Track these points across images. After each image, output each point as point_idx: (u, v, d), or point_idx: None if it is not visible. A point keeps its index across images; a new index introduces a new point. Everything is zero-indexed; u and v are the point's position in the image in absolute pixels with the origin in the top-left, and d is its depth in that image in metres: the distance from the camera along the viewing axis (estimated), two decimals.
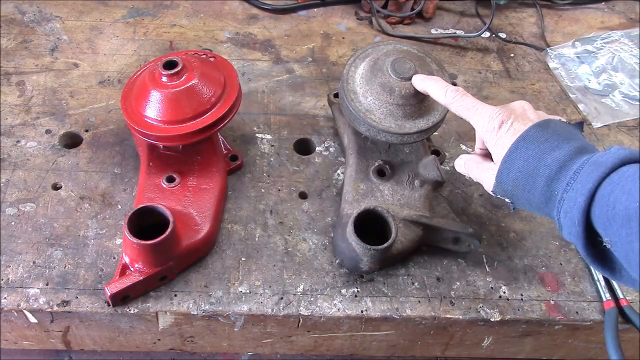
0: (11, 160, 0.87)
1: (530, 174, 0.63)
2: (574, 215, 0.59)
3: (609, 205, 0.56)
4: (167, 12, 1.12)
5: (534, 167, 0.63)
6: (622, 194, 0.55)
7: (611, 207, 0.55)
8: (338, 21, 1.14)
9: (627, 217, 0.54)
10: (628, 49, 1.12)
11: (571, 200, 0.59)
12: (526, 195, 0.64)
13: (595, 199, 0.57)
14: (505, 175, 0.66)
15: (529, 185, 0.64)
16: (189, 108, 0.78)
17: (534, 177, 0.63)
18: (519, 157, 0.64)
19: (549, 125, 0.65)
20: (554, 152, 0.63)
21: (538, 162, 0.63)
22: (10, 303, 0.74)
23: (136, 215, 0.72)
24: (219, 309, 0.75)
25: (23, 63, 1.01)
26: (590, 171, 0.58)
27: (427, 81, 0.75)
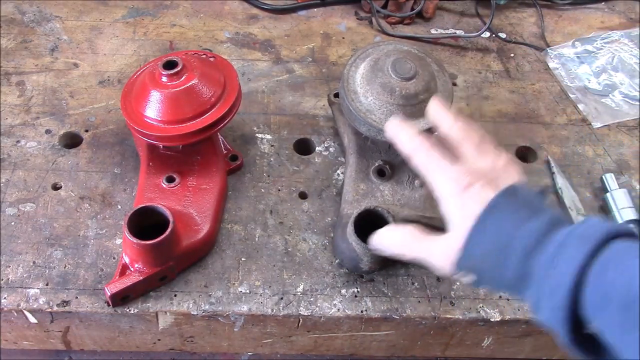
0: (11, 160, 0.87)
1: (501, 248, 0.55)
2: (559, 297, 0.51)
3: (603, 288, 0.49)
4: (167, 12, 1.12)
5: (506, 240, 0.55)
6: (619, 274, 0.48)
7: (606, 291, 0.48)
8: (338, 21, 1.14)
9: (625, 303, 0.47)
10: (628, 49, 1.12)
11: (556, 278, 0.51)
12: (496, 272, 0.56)
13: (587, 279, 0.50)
14: (473, 249, 0.57)
15: (500, 260, 0.55)
16: (189, 108, 0.78)
17: (507, 251, 0.55)
18: (489, 228, 0.56)
19: (517, 193, 0.58)
20: (528, 224, 0.55)
21: (510, 235, 0.55)
22: (10, 303, 0.74)
23: (136, 215, 0.72)
24: (219, 309, 0.75)
25: (23, 63, 1.01)
26: (578, 245, 0.51)
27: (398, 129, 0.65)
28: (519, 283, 0.55)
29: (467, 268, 0.58)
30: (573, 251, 0.51)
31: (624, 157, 0.96)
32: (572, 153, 0.96)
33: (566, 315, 0.51)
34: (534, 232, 0.55)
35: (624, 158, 0.96)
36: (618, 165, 0.95)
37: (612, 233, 0.52)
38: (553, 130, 0.99)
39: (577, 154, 0.96)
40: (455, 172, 0.60)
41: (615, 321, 0.48)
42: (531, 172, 0.93)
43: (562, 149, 0.96)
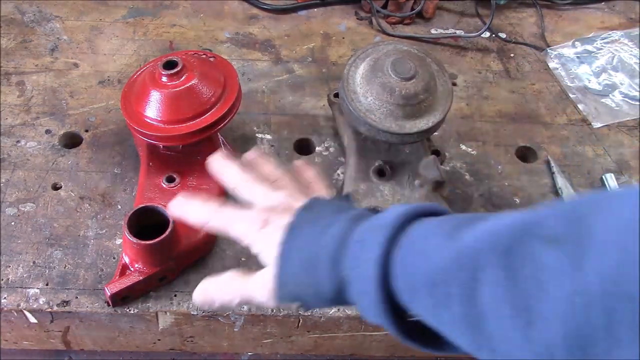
0: (11, 160, 0.87)
1: (309, 264, 0.52)
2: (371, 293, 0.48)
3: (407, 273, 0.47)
4: (167, 12, 1.12)
5: (311, 254, 0.52)
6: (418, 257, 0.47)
7: (410, 276, 0.47)
8: (338, 21, 1.14)
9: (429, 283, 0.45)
10: (628, 49, 1.12)
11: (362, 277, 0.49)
12: (314, 290, 0.53)
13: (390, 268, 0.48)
14: (283, 276, 0.54)
15: (312, 277, 0.52)
16: (189, 108, 0.78)
17: (315, 266, 0.52)
18: (292, 249, 0.54)
19: (314, 205, 0.56)
20: (329, 230, 0.53)
21: (314, 248, 0.52)
22: (10, 303, 0.74)
23: (136, 215, 0.72)
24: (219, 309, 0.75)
25: (23, 63, 1.01)
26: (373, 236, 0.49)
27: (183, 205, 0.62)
28: (342, 294, 0.52)
29: (286, 296, 0.55)
30: (370, 245, 0.49)
31: (624, 157, 0.96)
32: (572, 153, 0.96)
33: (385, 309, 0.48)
34: (336, 236, 0.52)
35: (624, 158, 0.96)
36: (618, 165, 0.95)
37: (410, 215, 0.50)
38: (553, 130, 0.99)
39: (577, 154, 0.96)
40: (248, 215, 0.58)
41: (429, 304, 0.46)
42: (531, 172, 0.93)
43: (562, 149, 0.96)
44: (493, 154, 0.95)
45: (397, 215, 0.50)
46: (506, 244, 0.42)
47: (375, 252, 0.48)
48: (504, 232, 0.43)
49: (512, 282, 0.41)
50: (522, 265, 0.40)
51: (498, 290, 0.41)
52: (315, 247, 0.53)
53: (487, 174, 0.92)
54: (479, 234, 0.44)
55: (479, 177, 0.92)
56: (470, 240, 0.44)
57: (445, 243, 0.46)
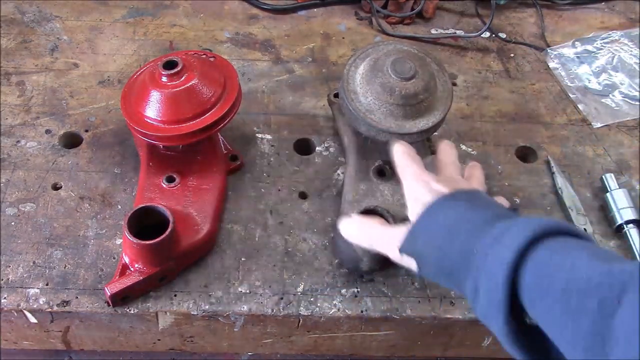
0: (11, 160, 0.87)
1: (449, 229, 0.56)
2: (497, 276, 0.49)
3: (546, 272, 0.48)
4: (167, 12, 1.12)
5: (455, 222, 0.56)
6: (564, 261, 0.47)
7: (549, 275, 0.47)
8: (338, 21, 1.14)
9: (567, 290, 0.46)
10: (628, 49, 1.12)
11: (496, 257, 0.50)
12: (438, 255, 0.56)
13: (527, 261, 0.49)
14: (420, 230, 0.58)
15: (445, 241, 0.56)
16: (189, 108, 0.78)
17: (453, 232, 0.55)
18: (440, 212, 0.58)
19: (477, 194, 0.61)
20: (478, 210, 0.56)
21: (460, 218, 0.56)
22: (10, 303, 0.74)
23: (136, 215, 0.72)
24: (219, 309, 0.75)
25: (23, 63, 1.01)
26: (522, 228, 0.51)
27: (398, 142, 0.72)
28: (461, 267, 0.54)
29: (411, 250, 0.59)
30: (517, 232, 0.51)
31: (624, 157, 0.96)
32: (572, 153, 0.96)
33: (503, 298, 0.49)
34: (483, 217, 0.55)
35: (624, 158, 0.96)
36: (618, 165, 0.95)
37: (561, 228, 0.52)
38: (553, 130, 0.99)
39: (577, 154, 0.96)
40: (419, 172, 0.65)
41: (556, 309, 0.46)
42: (531, 172, 0.93)
43: (562, 149, 0.96)
44: (493, 154, 0.95)
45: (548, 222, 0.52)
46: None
47: (520, 240, 0.49)
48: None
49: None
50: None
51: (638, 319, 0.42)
52: (460, 218, 0.56)
53: (487, 174, 0.92)
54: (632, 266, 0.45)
55: None
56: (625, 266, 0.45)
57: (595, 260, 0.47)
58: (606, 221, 0.87)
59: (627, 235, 0.84)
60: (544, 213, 0.88)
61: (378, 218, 0.66)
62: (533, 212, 0.88)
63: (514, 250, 0.49)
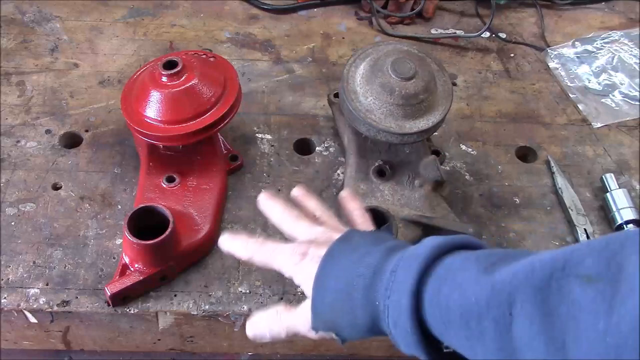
0: (11, 160, 0.87)
1: (344, 292, 0.54)
2: (404, 323, 0.49)
3: (441, 305, 0.48)
4: (167, 12, 1.12)
5: (347, 283, 0.54)
6: (453, 290, 0.47)
7: (444, 308, 0.47)
8: (338, 21, 1.14)
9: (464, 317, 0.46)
10: (628, 49, 1.12)
11: (395, 305, 0.50)
12: (348, 319, 0.54)
13: (423, 299, 0.49)
14: (319, 303, 0.56)
15: (347, 304, 0.54)
16: (189, 108, 0.78)
17: (350, 294, 0.53)
18: (329, 277, 0.55)
19: (352, 236, 0.58)
20: (364, 259, 0.54)
21: (350, 276, 0.54)
22: (10, 303, 0.74)
23: (136, 215, 0.72)
24: (219, 309, 0.75)
25: (23, 63, 1.01)
26: (407, 267, 0.50)
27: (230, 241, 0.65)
28: (375, 322, 0.53)
29: (322, 326, 0.57)
30: (403, 274, 0.50)
31: (624, 157, 0.96)
32: (572, 153, 0.96)
33: (419, 340, 0.49)
34: (371, 265, 0.53)
35: (624, 158, 0.96)
36: (618, 165, 0.95)
37: (445, 247, 0.51)
38: (553, 130, 0.99)
39: (577, 154, 0.96)
40: (288, 248, 0.61)
41: (462, 336, 0.47)
42: (531, 172, 0.93)
43: (562, 149, 0.96)
44: (493, 154, 0.95)
45: (432, 246, 0.51)
46: (542, 280, 0.43)
47: (409, 282, 0.49)
48: (539, 269, 0.43)
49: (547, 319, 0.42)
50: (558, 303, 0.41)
51: (533, 327, 0.42)
52: (350, 277, 0.54)
53: (487, 174, 0.92)
54: (515, 270, 0.45)
55: (479, 177, 0.92)
56: (505, 275, 0.45)
57: (480, 277, 0.46)
58: (606, 221, 0.87)
59: None
60: (544, 213, 0.88)
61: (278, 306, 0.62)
62: (533, 212, 0.88)
63: (408, 296, 0.49)
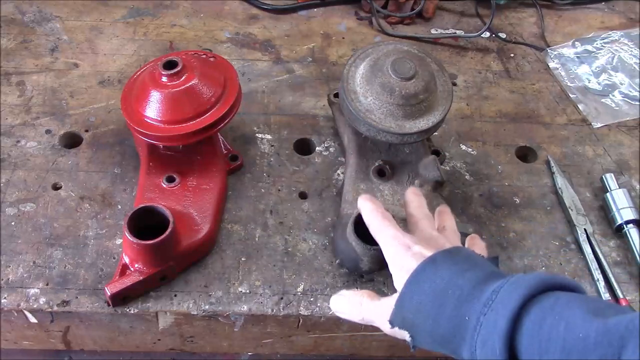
0: (11, 160, 0.87)
1: (437, 296, 0.54)
2: (494, 343, 0.49)
3: (542, 334, 0.48)
4: (167, 12, 1.12)
5: (442, 289, 0.54)
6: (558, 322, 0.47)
7: (545, 338, 0.47)
8: (338, 21, 1.14)
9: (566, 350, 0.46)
10: (628, 49, 1.12)
11: (490, 324, 0.50)
12: (430, 324, 0.54)
13: (522, 325, 0.49)
14: (407, 300, 0.56)
15: (435, 310, 0.54)
16: (189, 108, 0.78)
17: (442, 300, 0.54)
18: (426, 279, 0.56)
19: (459, 251, 0.59)
20: (465, 274, 0.55)
21: (447, 284, 0.54)
22: (10, 303, 0.74)
23: (136, 215, 0.72)
24: (219, 309, 0.75)
25: (23, 63, 1.01)
26: (512, 290, 0.50)
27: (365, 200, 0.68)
28: (454, 336, 0.53)
29: (401, 322, 0.57)
30: (507, 297, 0.50)
31: (624, 157, 0.96)
32: (572, 153, 0.96)
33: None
34: (472, 280, 0.54)
35: (624, 158, 0.96)
36: (618, 165, 0.95)
37: (551, 283, 0.51)
38: (553, 130, 0.99)
39: (577, 154, 0.96)
40: (398, 235, 0.63)
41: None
42: (531, 172, 0.93)
43: (562, 149, 0.96)
44: (493, 154, 0.95)
45: (539, 278, 0.51)
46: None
47: (511, 305, 0.49)
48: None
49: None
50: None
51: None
52: (447, 285, 0.54)
53: (487, 174, 0.92)
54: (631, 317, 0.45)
55: (479, 177, 0.92)
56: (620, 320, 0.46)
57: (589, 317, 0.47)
58: (606, 221, 0.87)
59: (627, 235, 0.84)
60: (544, 213, 0.88)
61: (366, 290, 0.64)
62: (533, 212, 0.88)
63: (508, 318, 0.49)
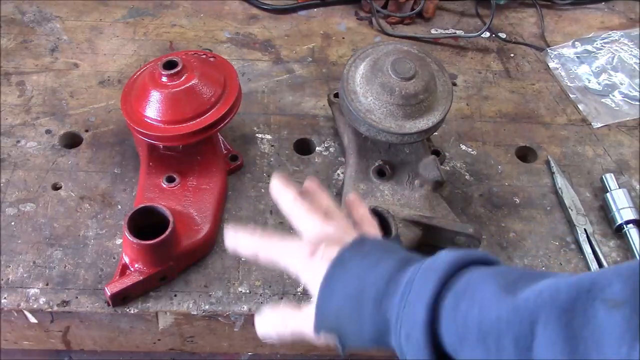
0: (11, 160, 0.87)
1: (353, 299, 0.53)
2: (417, 337, 0.48)
3: (458, 321, 0.47)
4: (167, 12, 1.12)
5: (357, 289, 0.53)
6: (471, 306, 0.47)
7: (461, 324, 0.47)
8: (338, 21, 1.14)
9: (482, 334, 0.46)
10: (628, 49, 1.12)
11: (410, 317, 0.49)
12: (354, 327, 0.53)
13: (440, 314, 0.48)
14: (325, 307, 0.54)
15: (355, 313, 0.53)
16: (189, 108, 0.78)
17: (359, 302, 0.52)
18: (338, 281, 0.54)
19: (364, 242, 0.57)
20: (377, 268, 0.53)
21: (360, 283, 0.53)
22: (10, 303, 0.74)
23: (136, 215, 0.72)
24: (219, 309, 0.75)
25: (23, 63, 1.01)
26: (425, 279, 0.50)
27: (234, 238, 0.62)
28: (382, 333, 0.52)
29: (326, 329, 0.55)
30: (421, 286, 0.49)
31: (624, 157, 0.96)
32: (572, 153, 0.96)
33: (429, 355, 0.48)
34: (384, 275, 0.52)
35: (624, 158, 0.96)
36: (618, 165, 0.95)
37: (462, 262, 0.51)
38: (553, 130, 0.99)
39: (577, 154, 0.96)
40: (297, 246, 0.59)
41: (478, 353, 0.46)
42: (531, 172, 0.93)
43: (562, 149, 0.96)
44: (493, 154, 0.95)
45: (450, 261, 0.50)
46: (567, 302, 0.43)
47: (427, 295, 0.49)
48: (565, 290, 0.43)
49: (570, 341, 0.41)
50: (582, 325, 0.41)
51: (555, 348, 0.42)
52: (361, 283, 0.53)
53: (487, 174, 0.92)
54: (539, 289, 0.45)
55: (479, 177, 0.92)
56: (529, 294, 0.45)
57: (501, 295, 0.46)
58: (606, 221, 0.87)
59: (627, 235, 0.84)
60: (544, 213, 0.88)
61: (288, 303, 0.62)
62: (533, 212, 0.88)
63: (424, 309, 0.48)
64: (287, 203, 0.63)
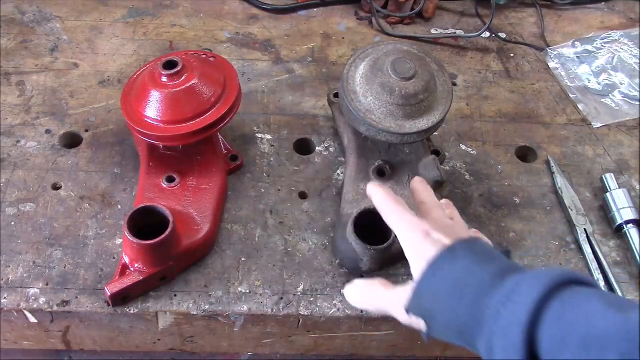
0: (11, 160, 0.87)
1: (456, 286, 0.54)
2: (516, 335, 0.49)
3: (562, 328, 0.47)
4: (167, 12, 1.12)
5: (462, 279, 0.54)
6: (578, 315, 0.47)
7: (565, 331, 0.47)
8: (338, 21, 1.14)
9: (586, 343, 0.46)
10: (628, 49, 1.12)
11: (510, 315, 0.50)
12: (447, 314, 0.54)
13: (542, 318, 0.49)
14: (425, 288, 0.56)
15: (453, 299, 0.54)
16: (189, 108, 0.78)
17: (461, 289, 0.54)
18: (444, 267, 0.56)
19: (477, 243, 0.58)
20: (484, 266, 0.55)
21: (466, 274, 0.54)
22: (10, 303, 0.74)
23: (136, 215, 0.72)
24: (219, 309, 0.75)
25: (23, 63, 1.01)
26: (533, 282, 0.50)
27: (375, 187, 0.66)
28: (473, 325, 0.53)
29: (417, 310, 0.56)
30: (528, 289, 0.50)
31: (624, 157, 0.96)
32: (572, 153, 0.96)
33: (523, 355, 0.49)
34: (490, 273, 0.54)
35: (624, 158, 0.96)
36: (618, 165, 0.95)
37: (570, 278, 0.52)
38: (553, 130, 0.99)
39: (577, 154, 0.96)
40: (416, 221, 0.61)
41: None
42: (531, 172, 0.93)
43: (562, 149, 0.96)
44: (493, 154, 0.95)
45: (559, 273, 0.51)
46: None
47: (533, 297, 0.49)
48: None
49: None
50: None
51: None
52: (466, 276, 0.54)
53: (487, 174, 0.92)
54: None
55: (479, 177, 0.92)
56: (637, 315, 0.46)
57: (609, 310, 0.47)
58: (606, 221, 0.87)
59: (627, 235, 0.84)
60: (544, 213, 0.88)
61: (380, 279, 0.63)
62: (533, 212, 0.88)
63: (529, 309, 0.49)
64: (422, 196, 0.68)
